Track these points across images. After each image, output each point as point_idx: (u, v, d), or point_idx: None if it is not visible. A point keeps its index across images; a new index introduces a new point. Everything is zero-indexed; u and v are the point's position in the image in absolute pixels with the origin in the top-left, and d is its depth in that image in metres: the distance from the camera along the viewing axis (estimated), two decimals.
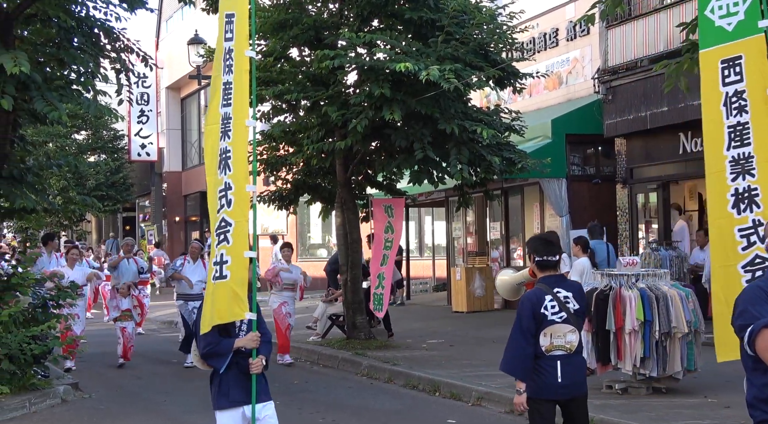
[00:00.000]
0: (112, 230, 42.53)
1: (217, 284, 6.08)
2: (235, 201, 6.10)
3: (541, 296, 5.99)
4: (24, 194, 12.12)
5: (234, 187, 6.13)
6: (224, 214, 6.11)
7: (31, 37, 12.33)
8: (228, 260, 6.06)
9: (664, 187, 17.00)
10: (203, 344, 6.07)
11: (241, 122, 6.17)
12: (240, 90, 6.21)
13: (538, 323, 5.92)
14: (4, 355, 10.80)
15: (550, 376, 5.93)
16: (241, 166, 6.14)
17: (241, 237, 6.09)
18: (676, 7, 15.62)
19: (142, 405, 11.14)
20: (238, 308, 6.02)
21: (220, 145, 6.21)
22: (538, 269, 6.15)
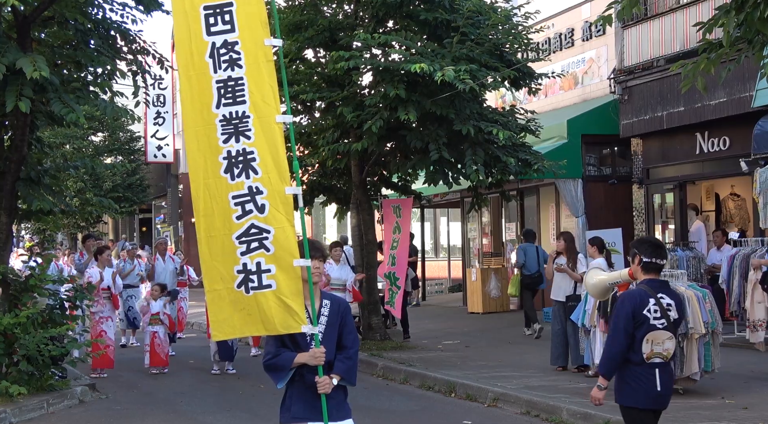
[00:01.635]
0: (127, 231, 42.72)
1: (255, 295, 5.50)
2: (272, 205, 5.51)
3: (645, 298, 5.82)
4: (41, 196, 12.19)
5: (266, 191, 5.52)
6: (254, 220, 5.53)
7: (48, 40, 12.40)
8: (271, 269, 5.48)
9: (680, 188, 16.92)
10: (264, 353, 5.61)
11: (269, 119, 5.57)
12: (259, 84, 5.59)
13: (637, 325, 5.76)
14: (22, 356, 10.88)
15: (650, 384, 5.80)
16: (276, 167, 5.54)
17: (288, 244, 5.51)
18: (692, 6, 15.55)
19: (159, 406, 11.17)
20: (293, 321, 5.46)
21: (227, 148, 5.56)
22: (642, 271, 5.95)
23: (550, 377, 11.58)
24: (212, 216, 5.57)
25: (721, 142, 15.44)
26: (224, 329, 5.60)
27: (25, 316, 10.90)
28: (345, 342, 5.60)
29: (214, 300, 5.59)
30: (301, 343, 5.51)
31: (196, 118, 5.62)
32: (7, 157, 11.89)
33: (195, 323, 19.55)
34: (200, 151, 5.60)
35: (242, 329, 5.61)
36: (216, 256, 5.56)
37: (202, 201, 5.62)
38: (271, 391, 11.89)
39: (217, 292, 5.57)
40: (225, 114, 5.57)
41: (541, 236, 19.86)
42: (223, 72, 5.59)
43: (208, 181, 5.59)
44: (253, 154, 5.54)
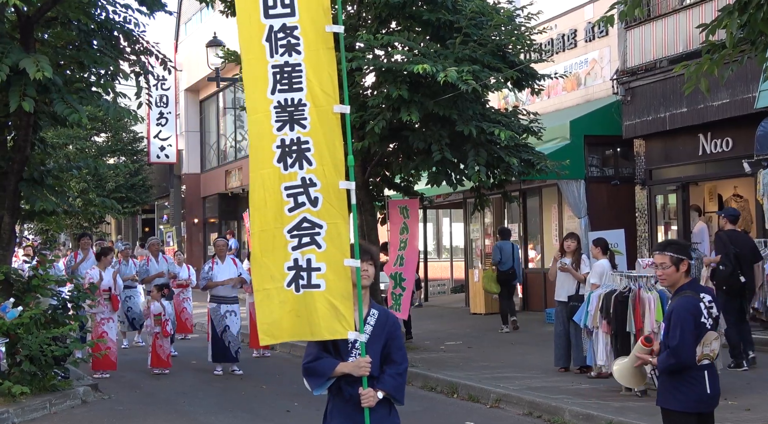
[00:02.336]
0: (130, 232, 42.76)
1: (305, 294, 5.20)
2: (325, 199, 5.21)
3: (697, 304, 5.59)
4: (44, 196, 12.21)
5: (320, 184, 5.23)
6: (307, 213, 5.22)
7: (51, 40, 12.42)
8: (321, 268, 5.18)
9: (683, 189, 16.92)
10: (306, 352, 5.25)
11: (327, 109, 5.28)
12: (318, 72, 5.30)
13: (699, 334, 5.54)
14: (25, 356, 10.89)
15: (701, 387, 5.57)
16: (331, 159, 5.26)
17: (340, 242, 5.21)
18: (695, 7, 15.54)
19: (161, 406, 11.18)
20: (340, 325, 5.12)
21: (280, 136, 5.29)
22: (686, 275, 5.71)
23: (552, 378, 11.58)
24: (265, 208, 5.30)
25: (724, 143, 15.43)
26: (273, 332, 5.28)
27: (28, 316, 10.91)
28: (395, 357, 5.24)
29: (263, 301, 5.29)
30: (342, 350, 5.18)
31: (257, 103, 5.38)
32: (11, 157, 11.91)
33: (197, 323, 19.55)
34: (259, 140, 5.37)
35: (291, 333, 5.27)
36: (267, 252, 5.27)
37: (257, 193, 5.35)
38: (273, 391, 11.92)
39: (266, 292, 5.27)
40: (280, 100, 5.33)
41: (543, 237, 19.89)
42: (279, 57, 5.34)
43: (263, 172, 5.31)
44: (308, 144, 5.28)
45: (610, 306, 10.10)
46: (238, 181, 31.46)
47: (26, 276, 12.09)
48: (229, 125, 33.75)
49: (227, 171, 32.70)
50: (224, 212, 33.89)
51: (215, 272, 13.59)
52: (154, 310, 13.58)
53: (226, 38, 23.79)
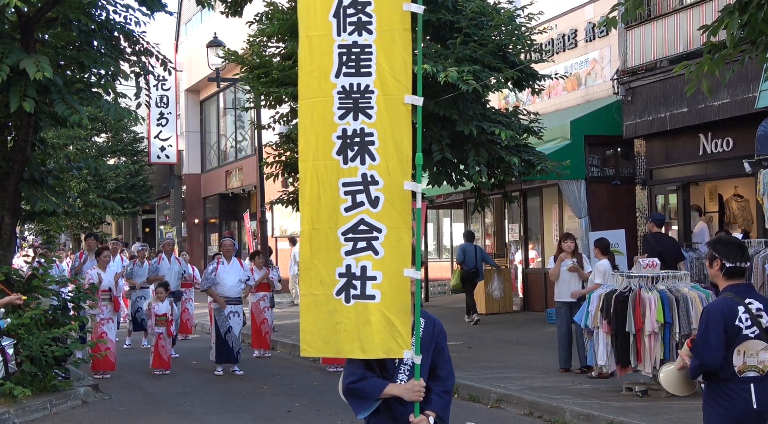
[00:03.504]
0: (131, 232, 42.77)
1: (356, 306, 4.62)
2: (387, 200, 4.63)
3: (734, 307, 5.20)
4: (44, 197, 12.21)
5: (383, 182, 4.64)
6: (365, 214, 4.65)
7: (52, 41, 12.42)
8: (377, 277, 4.58)
9: (684, 189, 16.91)
10: (346, 372, 4.73)
11: (397, 98, 4.66)
12: (390, 56, 4.68)
13: (730, 338, 5.17)
14: (25, 357, 10.89)
15: (744, 402, 5.15)
16: (397, 156, 4.65)
17: (400, 249, 4.62)
18: (695, 7, 15.53)
19: (162, 406, 11.18)
20: (395, 343, 4.56)
21: (342, 125, 4.70)
22: (724, 277, 5.33)
23: (553, 378, 11.57)
24: (318, 204, 4.71)
25: (724, 143, 15.42)
26: (315, 344, 4.70)
27: (29, 317, 10.91)
28: (441, 373, 4.77)
29: (309, 307, 4.70)
30: (389, 367, 4.67)
31: (313, 87, 4.77)
32: (11, 158, 11.91)
33: (198, 324, 19.56)
34: (313, 126, 4.75)
35: (336, 347, 4.67)
36: (318, 253, 4.70)
37: (308, 186, 4.74)
38: (274, 392, 11.92)
39: (314, 297, 4.68)
40: (345, 85, 4.70)
41: (543, 237, 19.88)
42: (348, 36, 4.70)
43: (317, 163, 4.72)
44: (372, 136, 4.67)
45: (611, 306, 10.09)
46: (238, 182, 31.45)
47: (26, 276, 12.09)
48: (230, 125, 33.75)
49: (227, 171, 32.69)
50: (224, 212, 33.88)
51: (220, 272, 13.50)
52: (159, 310, 13.54)
53: (227, 38, 23.80)
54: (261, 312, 15.22)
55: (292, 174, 16.51)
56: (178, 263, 16.10)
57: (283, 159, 16.27)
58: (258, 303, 15.22)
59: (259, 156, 20.13)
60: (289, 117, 15.91)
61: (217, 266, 13.61)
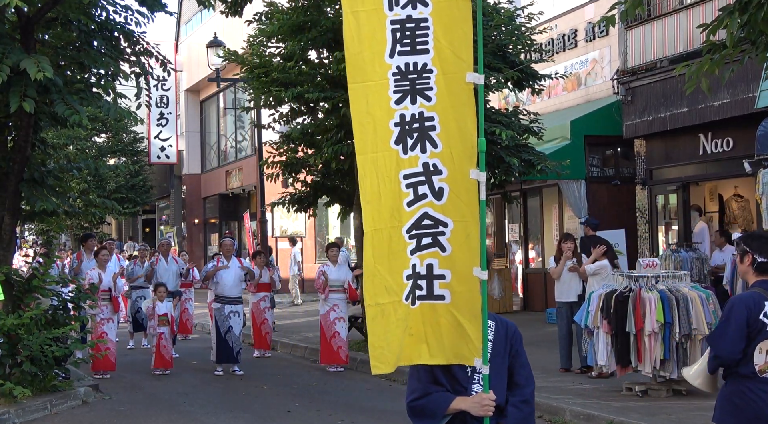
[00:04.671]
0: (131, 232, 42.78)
1: (422, 307, 4.14)
2: (452, 191, 4.13)
3: (761, 301, 4.98)
4: (45, 197, 12.20)
5: (446, 172, 4.14)
6: (429, 207, 4.17)
7: (52, 41, 12.42)
8: (445, 275, 4.12)
9: (684, 189, 16.91)
10: (408, 390, 4.23)
11: (458, 77, 4.14)
12: (449, 29, 4.16)
13: (753, 333, 4.93)
14: (25, 357, 10.88)
15: (762, 403, 4.90)
16: (461, 141, 4.14)
17: (468, 245, 4.13)
18: (695, 7, 15.53)
19: (162, 406, 11.18)
20: (466, 349, 4.08)
21: (399, 110, 4.20)
22: (755, 273, 5.12)
23: (553, 378, 11.57)
24: (378, 202, 4.20)
25: (724, 143, 15.43)
26: (387, 358, 4.17)
27: (29, 317, 10.91)
28: (518, 379, 4.26)
29: (376, 318, 4.16)
30: (461, 378, 4.15)
31: (364, 69, 4.26)
32: (11, 158, 11.91)
33: (198, 324, 19.56)
34: (369, 115, 4.23)
35: (408, 356, 4.19)
36: (381, 257, 4.17)
37: (368, 182, 4.21)
38: (274, 392, 11.92)
39: (380, 308, 4.15)
40: (400, 65, 4.19)
41: (543, 237, 19.88)
42: (401, 9, 4.20)
43: (376, 155, 4.20)
44: (433, 121, 4.18)
45: (611, 306, 10.09)
46: (238, 182, 31.46)
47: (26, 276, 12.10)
48: (230, 126, 33.75)
49: (228, 171, 32.69)
50: (225, 212, 33.88)
51: (220, 271, 13.59)
52: (160, 310, 13.53)
53: (227, 38, 23.79)
54: (261, 312, 15.23)
55: (293, 174, 16.52)
56: (175, 263, 16.09)
57: (283, 159, 16.28)
58: (258, 303, 15.22)
59: (259, 156, 20.14)
60: (289, 117, 15.91)
61: (217, 264, 13.66)
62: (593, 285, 11.57)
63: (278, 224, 27.36)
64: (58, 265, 15.32)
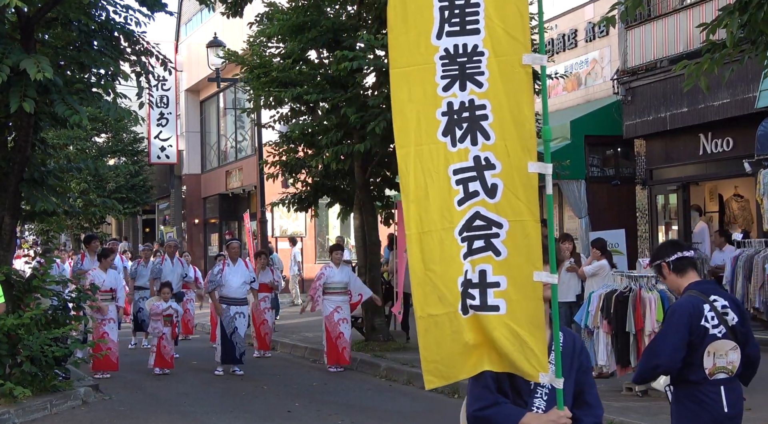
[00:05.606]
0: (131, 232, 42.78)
1: (477, 318, 3.71)
2: (507, 187, 3.71)
3: (700, 306, 4.89)
4: (45, 197, 12.21)
5: (500, 166, 3.71)
6: (481, 206, 3.73)
7: (52, 41, 12.42)
8: (500, 283, 3.69)
9: (684, 189, 16.92)
10: (472, 397, 3.88)
11: (513, 59, 3.72)
12: (501, 7, 3.79)
13: (698, 340, 4.86)
14: (25, 357, 10.88)
15: (716, 405, 4.87)
16: (517, 131, 3.71)
17: (527, 247, 3.69)
18: (695, 7, 15.54)
19: (163, 406, 11.18)
20: (528, 364, 3.67)
21: (447, 98, 3.77)
22: (677, 274, 5.04)
23: None
24: (426, 201, 3.77)
25: (724, 143, 15.43)
26: (442, 372, 3.86)
27: (29, 317, 10.91)
28: (589, 398, 3.98)
29: (429, 331, 3.77)
30: (524, 390, 3.79)
31: (409, 51, 3.82)
32: (11, 158, 11.91)
33: (198, 324, 19.56)
34: (412, 102, 3.80)
35: (467, 367, 3.81)
36: (432, 263, 3.76)
37: (412, 178, 3.79)
38: (274, 392, 11.92)
39: (433, 319, 3.76)
40: (449, 48, 3.78)
41: None
42: None
43: (420, 148, 3.78)
44: (485, 109, 3.74)
45: (611, 306, 10.09)
46: (238, 182, 31.46)
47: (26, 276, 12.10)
48: (230, 126, 33.75)
49: (228, 171, 32.70)
50: (225, 212, 33.89)
51: (226, 273, 13.49)
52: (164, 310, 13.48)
53: (227, 39, 23.79)
54: (261, 313, 15.23)
55: (293, 174, 16.52)
56: (180, 265, 16.10)
57: (283, 159, 16.28)
58: (258, 304, 15.22)
59: (259, 156, 20.14)
60: (289, 117, 15.92)
61: (222, 267, 13.61)
62: (592, 286, 11.59)
63: (278, 224, 27.38)
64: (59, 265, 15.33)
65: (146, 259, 16.89)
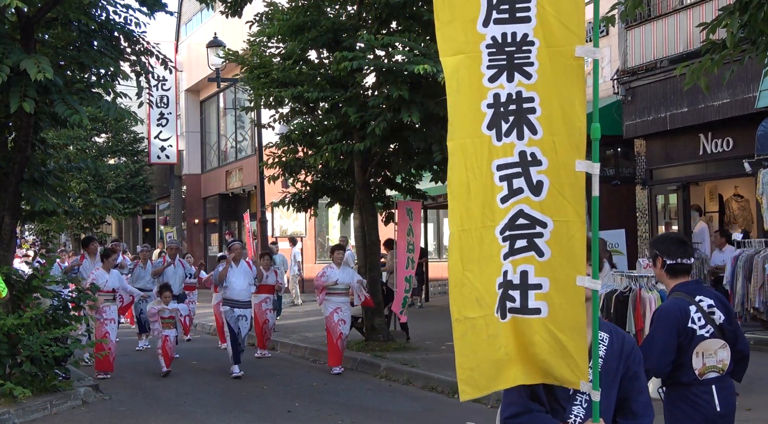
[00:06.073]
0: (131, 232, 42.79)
1: (516, 320, 3.53)
2: (553, 185, 3.51)
3: (686, 308, 4.87)
4: (45, 197, 12.21)
5: (546, 162, 3.51)
6: (524, 204, 3.54)
7: (52, 41, 12.43)
8: (542, 285, 3.51)
9: (684, 189, 16.92)
10: (505, 402, 3.67)
11: (565, 50, 3.47)
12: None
13: (686, 342, 4.85)
14: (25, 357, 10.89)
15: (708, 405, 4.86)
16: (566, 126, 3.49)
17: (571, 249, 3.49)
18: (696, 7, 15.54)
19: (162, 406, 11.18)
20: (568, 371, 3.48)
21: (494, 89, 3.57)
22: (669, 276, 5.03)
23: None
24: (467, 197, 3.59)
25: (724, 143, 15.43)
26: (477, 381, 3.59)
27: (29, 317, 10.91)
28: (635, 407, 3.71)
29: (465, 335, 3.58)
30: (561, 397, 3.59)
31: (456, 40, 3.62)
32: (11, 158, 11.92)
33: (198, 324, 19.56)
34: (460, 93, 3.64)
35: (504, 378, 3.59)
36: (470, 263, 3.58)
37: (456, 172, 3.62)
38: (274, 392, 11.92)
39: (470, 323, 3.57)
40: (496, 36, 3.55)
41: None
42: None
43: (464, 142, 3.60)
44: (533, 102, 3.54)
45: (611, 306, 10.09)
46: (238, 182, 31.47)
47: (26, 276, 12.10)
48: (230, 126, 33.77)
49: (228, 171, 32.71)
50: (225, 212, 33.91)
51: (229, 275, 13.45)
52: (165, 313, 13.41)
53: (227, 39, 23.79)
54: (263, 313, 15.22)
55: (293, 174, 16.52)
56: (182, 267, 16.09)
57: (283, 160, 16.28)
58: (260, 305, 15.20)
59: (259, 156, 20.14)
60: (289, 117, 15.92)
61: (226, 267, 13.54)
62: None
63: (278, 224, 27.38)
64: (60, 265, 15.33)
65: (144, 260, 16.87)
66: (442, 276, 26.94)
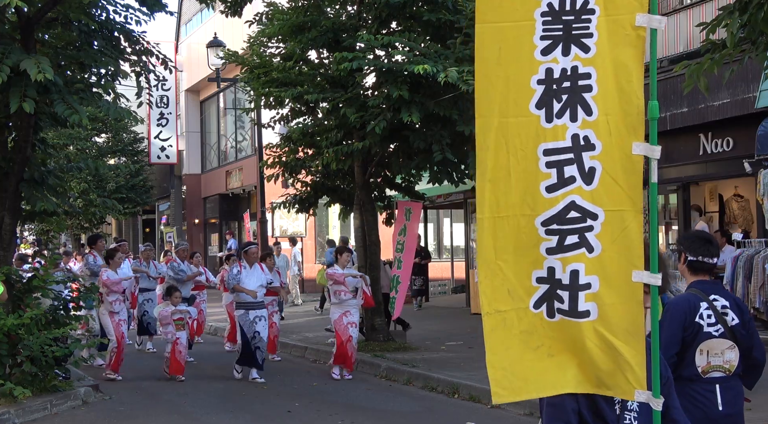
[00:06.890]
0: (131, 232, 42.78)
1: (563, 323, 3.23)
2: (606, 171, 3.16)
3: (696, 303, 4.88)
4: (45, 197, 12.21)
5: (600, 146, 3.16)
6: (576, 195, 3.19)
7: (52, 41, 12.43)
8: (591, 284, 3.17)
9: (684, 189, 16.92)
10: (548, 418, 3.36)
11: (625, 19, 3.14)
12: None
13: (690, 337, 4.82)
14: (26, 357, 10.89)
15: (710, 404, 4.81)
16: (621, 106, 3.14)
17: (626, 242, 3.15)
18: (695, 7, 15.54)
19: (163, 406, 11.18)
20: (623, 379, 3.16)
21: (547, 64, 3.21)
22: (689, 272, 5.08)
23: None
24: (507, 181, 3.26)
25: (724, 143, 15.43)
26: (511, 383, 3.32)
27: (29, 317, 10.91)
28: (675, 414, 3.51)
29: (496, 329, 3.34)
30: (609, 416, 3.28)
31: (502, 5, 3.26)
32: (11, 158, 11.92)
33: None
34: (501, 66, 3.25)
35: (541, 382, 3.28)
36: (505, 252, 3.29)
37: (491, 153, 3.28)
38: (274, 392, 11.92)
39: (500, 316, 3.32)
40: (553, 3, 3.21)
41: None
42: None
43: (505, 120, 3.24)
44: (589, 79, 3.17)
45: None
46: (238, 182, 31.48)
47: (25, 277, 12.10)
48: (230, 126, 33.77)
49: (228, 171, 32.71)
50: (225, 212, 33.91)
51: (243, 277, 13.04)
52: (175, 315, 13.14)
53: (227, 39, 23.79)
54: (270, 316, 15.07)
55: (293, 175, 16.52)
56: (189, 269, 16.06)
57: (283, 160, 16.28)
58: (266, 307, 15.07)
59: (260, 156, 20.14)
60: (289, 117, 15.92)
61: (240, 269, 13.24)
62: None
63: (278, 224, 27.38)
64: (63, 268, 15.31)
65: (146, 259, 16.84)
66: (442, 276, 26.95)
